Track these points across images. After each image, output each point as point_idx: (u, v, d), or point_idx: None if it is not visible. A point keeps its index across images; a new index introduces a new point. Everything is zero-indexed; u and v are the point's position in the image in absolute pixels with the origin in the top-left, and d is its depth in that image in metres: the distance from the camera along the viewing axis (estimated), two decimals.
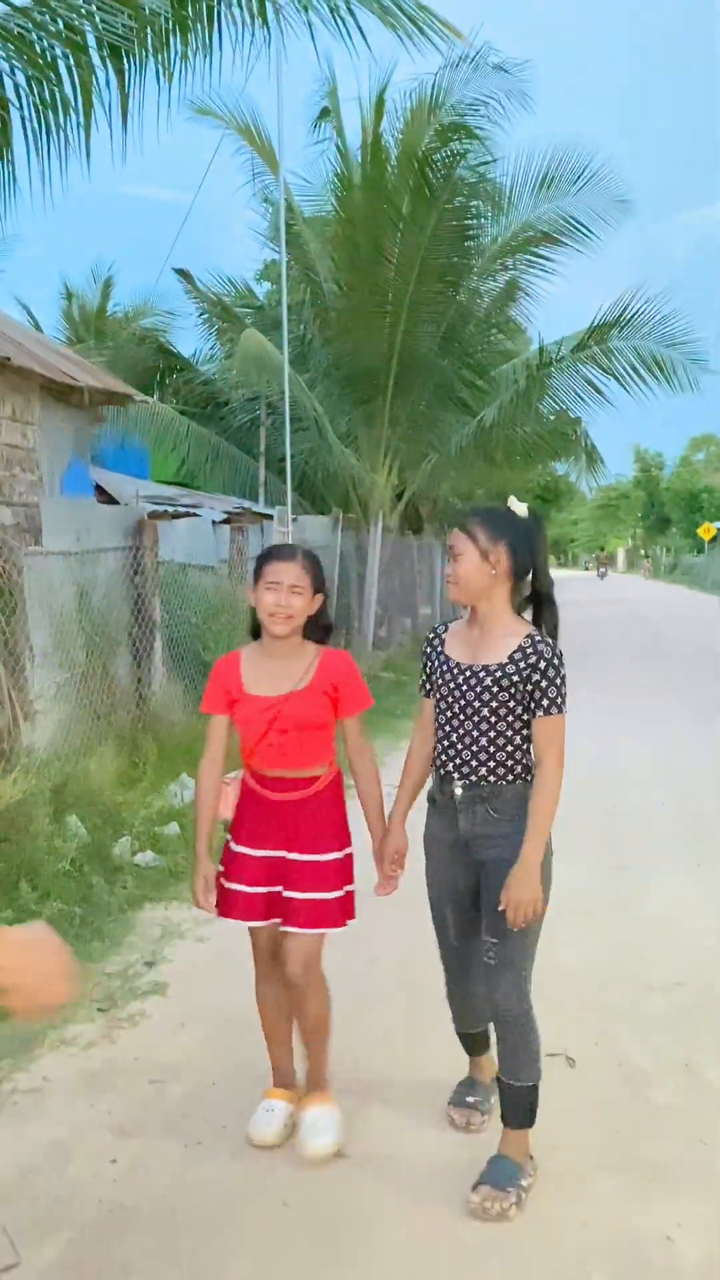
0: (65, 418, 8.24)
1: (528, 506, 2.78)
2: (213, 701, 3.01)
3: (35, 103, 5.90)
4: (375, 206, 12.27)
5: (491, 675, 2.69)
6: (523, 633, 2.71)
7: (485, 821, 2.74)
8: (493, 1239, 2.58)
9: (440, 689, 2.80)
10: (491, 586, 2.71)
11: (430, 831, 2.89)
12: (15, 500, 6.86)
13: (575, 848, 5.70)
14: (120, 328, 19.13)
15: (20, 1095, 3.32)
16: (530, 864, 2.63)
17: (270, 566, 2.88)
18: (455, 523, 2.77)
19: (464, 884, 2.83)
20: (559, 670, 2.68)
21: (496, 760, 2.72)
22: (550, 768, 2.67)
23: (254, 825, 2.99)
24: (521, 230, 13.54)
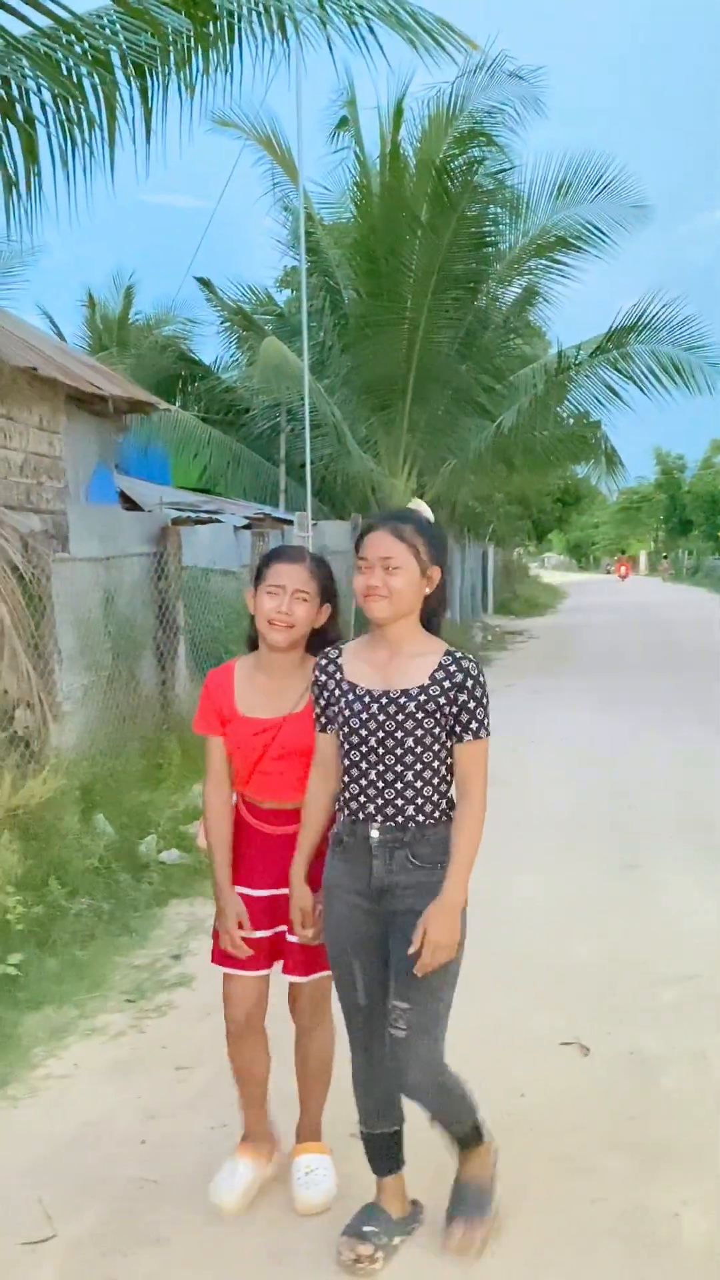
0: (90, 426, 8.41)
1: (423, 506, 2.65)
2: (206, 721, 2.73)
3: (61, 119, 6.06)
4: (394, 214, 12.41)
5: (414, 700, 2.38)
6: (438, 649, 2.44)
7: (403, 869, 2.42)
8: (505, 1212, 2.67)
9: (348, 721, 2.44)
10: (416, 605, 2.44)
11: (333, 877, 2.53)
12: (42, 507, 7.02)
13: (586, 847, 5.81)
14: (142, 335, 19.34)
15: (53, 1080, 3.46)
16: (453, 903, 2.35)
17: (274, 568, 2.61)
18: (382, 527, 2.42)
19: (373, 934, 2.49)
20: (484, 688, 2.42)
21: (424, 797, 2.42)
22: (477, 797, 2.41)
23: (251, 861, 2.73)
24: (539, 236, 13.64)
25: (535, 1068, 3.41)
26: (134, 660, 7.30)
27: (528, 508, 28.12)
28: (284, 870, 2.66)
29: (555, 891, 5.09)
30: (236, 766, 2.71)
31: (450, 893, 2.36)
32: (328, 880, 2.54)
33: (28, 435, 7.00)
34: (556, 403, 13.91)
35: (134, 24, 5.53)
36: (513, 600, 28.02)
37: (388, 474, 13.68)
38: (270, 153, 13.12)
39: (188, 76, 6.13)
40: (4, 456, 6.71)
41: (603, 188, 12.94)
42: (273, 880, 2.69)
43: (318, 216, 13.94)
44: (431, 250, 12.20)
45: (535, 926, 4.63)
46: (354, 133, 13.37)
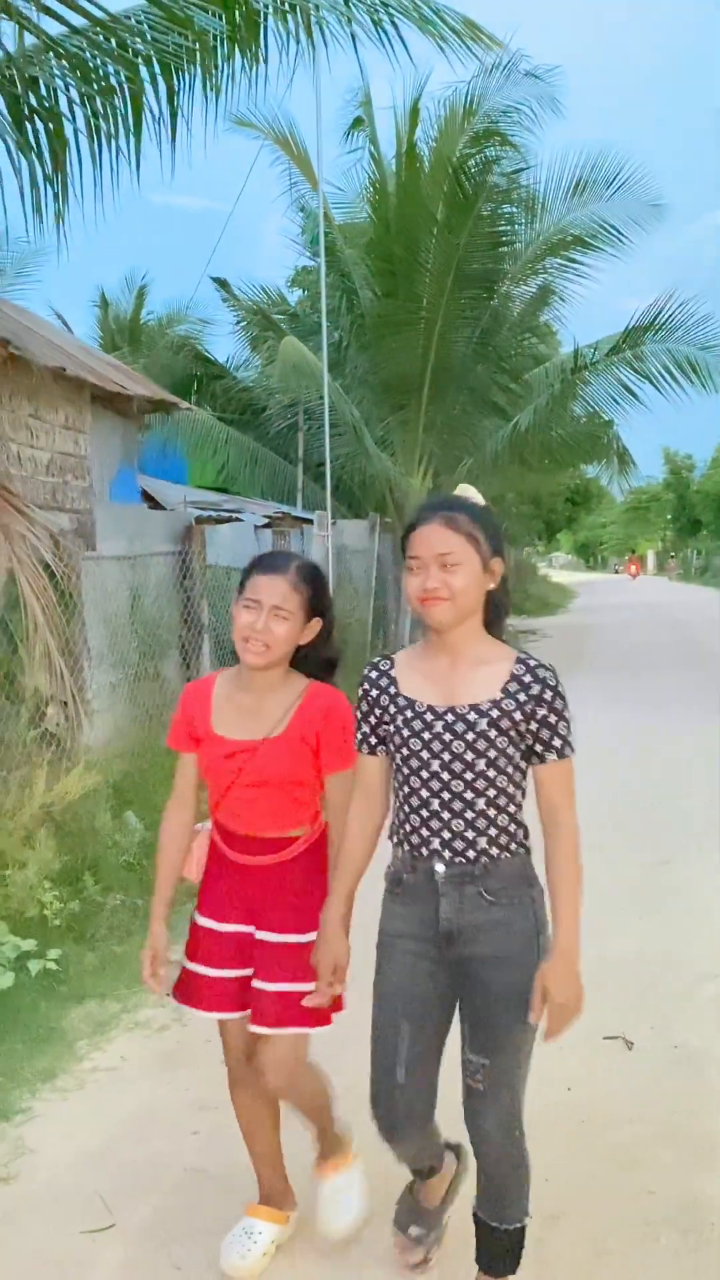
0: (113, 425, 8.44)
1: (474, 492, 2.25)
2: (178, 736, 2.46)
3: (90, 119, 6.08)
4: (410, 213, 12.43)
5: (487, 717, 2.07)
6: (508, 656, 2.13)
7: (476, 907, 2.12)
8: (563, 1204, 2.69)
9: (407, 743, 2.13)
10: (478, 605, 2.13)
11: (393, 926, 2.20)
12: (68, 506, 7.05)
13: (617, 844, 5.81)
14: (155, 335, 19.38)
15: (100, 1073, 3.48)
16: (569, 951, 2.06)
17: (252, 580, 2.31)
18: (433, 518, 2.09)
19: (434, 992, 2.17)
20: (565, 699, 2.11)
21: (498, 827, 2.11)
22: (569, 826, 2.12)
23: (219, 893, 2.45)
24: (555, 235, 13.64)
25: (580, 1062, 3.41)
26: (160, 658, 7.33)
27: (539, 507, 28.12)
28: (255, 905, 2.40)
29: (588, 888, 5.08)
30: (209, 788, 2.44)
31: (564, 943, 2.07)
32: (386, 930, 2.21)
33: (54, 434, 7.03)
34: (572, 401, 13.91)
35: (164, 24, 5.56)
36: (524, 599, 27.99)
37: (404, 473, 13.69)
38: (287, 152, 13.15)
39: (214, 77, 6.17)
40: (31, 455, 6.74)
41: (619, 186, 12.93)
42: (242, 915, 2.41)
43: (332, 216, 13.96)
44: (448, 250, 12.20)
45: None
46: (369, 132, 13.38)
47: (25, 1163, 2.96)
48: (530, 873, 2.17)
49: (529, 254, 13.87)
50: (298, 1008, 2.33)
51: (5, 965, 4.04)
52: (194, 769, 2.45)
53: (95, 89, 5.84)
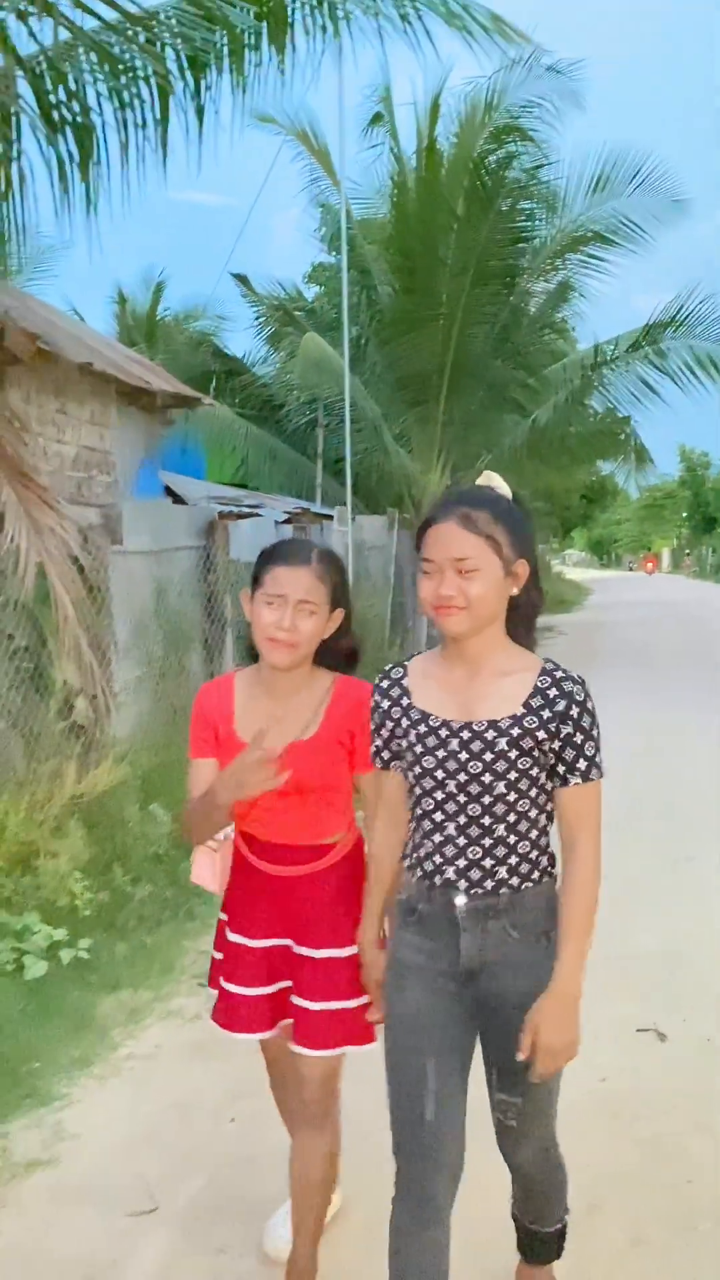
0: (136, 421, 8.48)
1: (500, 482, 2.01)
2: (201, 744, 2.26)
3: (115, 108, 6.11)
4: (429, 209, 12.42)
5: (507, 735, 1.87)
6: (532, 666, 1.92)
7: (500, 943, 1.94)
8: (600, 1194, 2.71)
9: (420, 761, 1.94)
10: (500, 611, 1.93)
11: (404, 956, 2.03)
12: (93, 501, 7.09)
13: (640, 839, 5.82)
14: (172, 331, 19.43)
15: (136, 1061, 3.52)
16: (569, 993, 1.88)
17: (273, 573, 2.13)
18: (448, 516, 1.88)
19: (456, 1021, 2.00)
20: (593, 715, 1.91)
21: (519, 854, 1.93)
22: (589, 854, 1.92)
23: (249, 906, 2.30)
24: (575, 230, 13.62)
25: (613, 1054, 3.43)
26: (184, 652, 7.37)
27: (554, 504, 28.08)
28: (287, 918, 2.26)
29: (614, 882, 5.08)
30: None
31: (563, 982, 1.87)
32: (398, 960, 2.04)
33: (80, 429, 7.08)
34: (590, 398, 13.90)
35: (195, 19, 5.58)
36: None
37: (422, 469, 13.70)
38: (308, 148, 13.17)
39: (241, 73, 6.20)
40: (58, 450, 6.79)
41: (640, 182, 12.89)
42: (274, 929, 2.27)
43: (352, 212, 13.97)
44: (467, 245, 12.20)
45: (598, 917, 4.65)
46: (389, 128, 13.38)
47: (66, 1147, 3.00)
48: (557, 904, 1.96)
49: (549, 250, 13.86)
50: (341, 1026, 2.23)
51: (38, 954, 4.09)
52: (212, 778, 2.20)
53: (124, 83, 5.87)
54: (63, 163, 6.02)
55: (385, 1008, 2.08)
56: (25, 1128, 3.09)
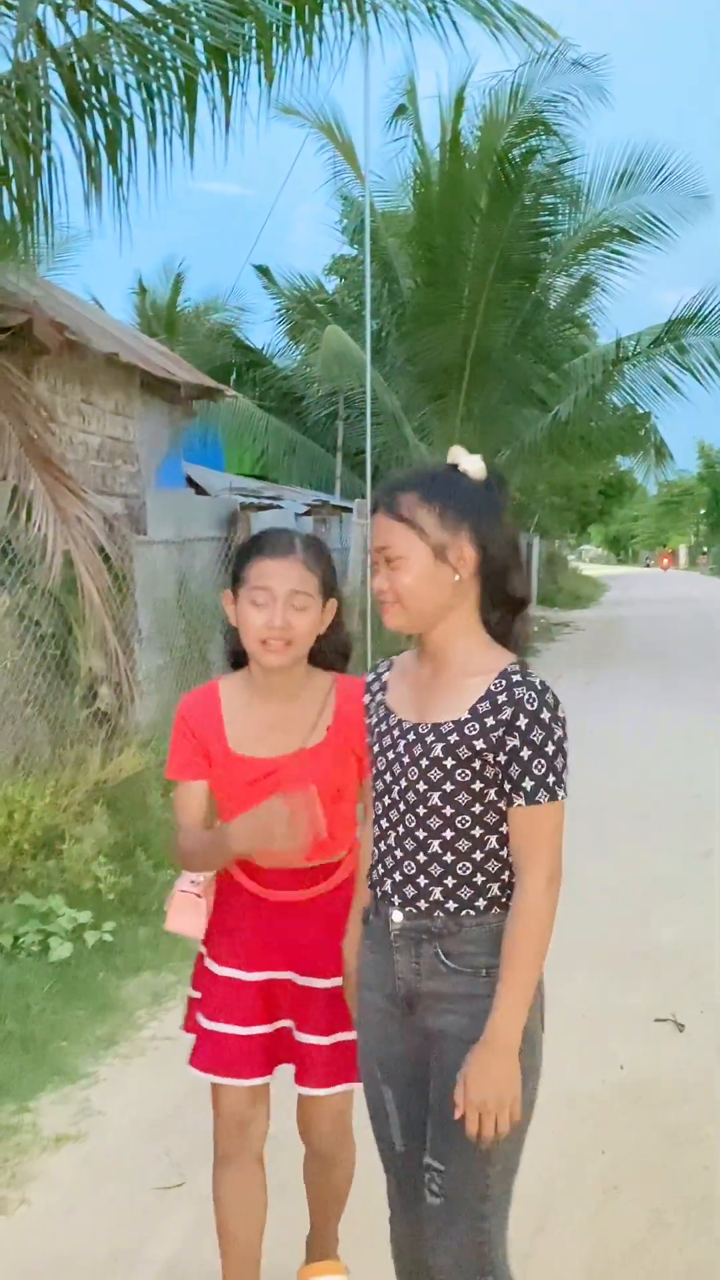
0: (160, 412, 8.54)
1: (482, 461, 1.77)
2: (184, 763, 2.04)
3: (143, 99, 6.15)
4: (453, 203, 12.44)
5: (443, 741, 1.69)
6: (494, 667, 1.71)
7: (433, 972, 1.74)
8: (620, 1177, 2.75)
9: (375, 760, 1.83)
10: (450, 601, 1.72)
11: (365, 973, 1.88)
12: (117, 491, 7.15)
13: (659, 835, 5.85)
14: (192, 322, 19.48)
15: (160, 1041, 3.57)
16: (501, 1044, 1.64)
17: (257, 566, 1.94)
18: (377, 499, 1.76)
19: (411, 1055, 1.82)
20: (549, 726, 1.66)
21: (458, 876, 1.72)
22: (535, 886, 1.67)
23: (245, 935, 2.08)
24: (598, 225, 13.60)
25: (631, 1043, 3.48)
26: (205, 642, 7.42)
27: (572, 499, 28.03)
28: (293, 947, 2.06)
29: (633, 877, 5.14)
30: (227, 817, 2.04)
31: (498, 1029, 1.64)
32: (362, 976, 1.89)
33: (105, 420, 7.14)
34: (612, 393, 13.89)
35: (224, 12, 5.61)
36: (556, 592, 27.96)
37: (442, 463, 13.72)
38: (332, 140, 13.19)
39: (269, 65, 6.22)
40: (83, 440, 6.85)
41: (664, 178, 12.86)
42: (273, 960, 2.07)
43: (374, 204, 13.99)
44: (490, 239, 12.21)
45: (616, 911, 4.68)
46: (413, 121, 13.39)
47: (94, 1123, 3.06)
48: None
49: (571, 245, 13.85)
50: (349, 1060, 2.00)
51: (63, 936, 4.15)
52: (203, 799, 2.04)
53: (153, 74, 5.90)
54: (91, 153, 6.07)
55: (355, 1029, 1.94)
56: (54, 1104, 3.15)
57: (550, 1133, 2.89)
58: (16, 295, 5.76)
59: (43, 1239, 2.56)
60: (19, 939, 4.06)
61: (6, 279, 5.88)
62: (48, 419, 5.68)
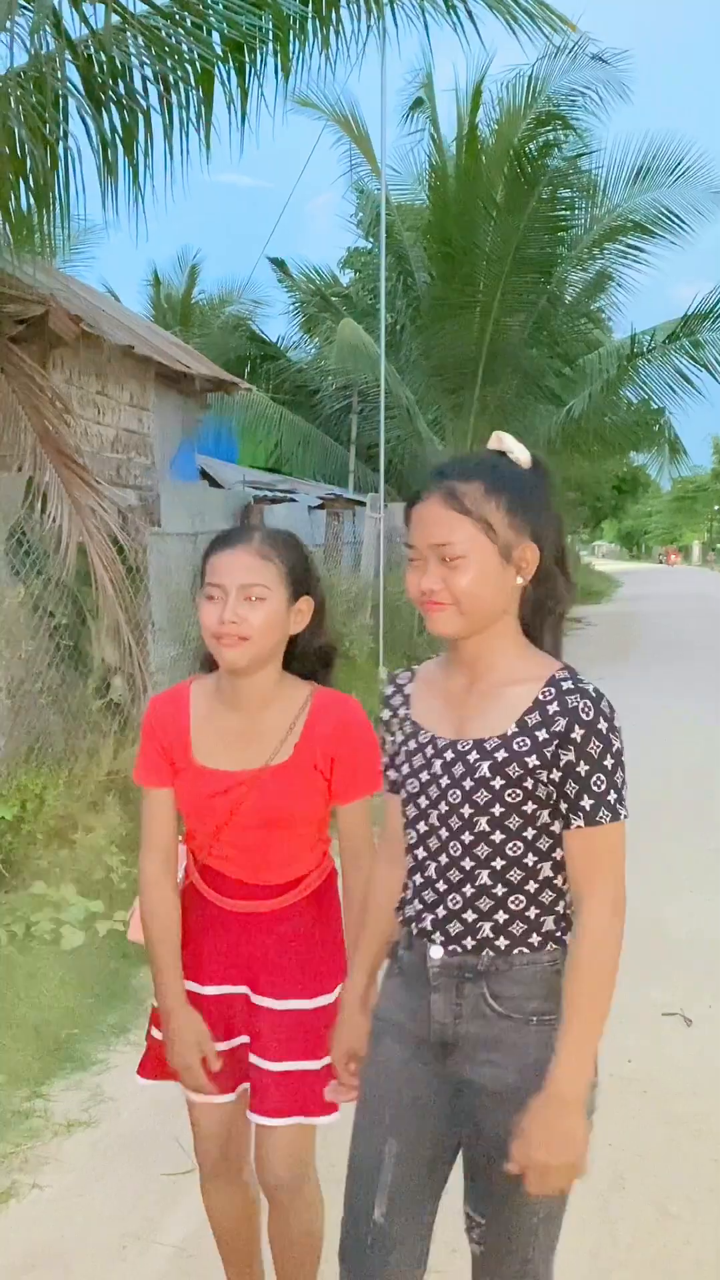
0: (174, 404, 8.55)
1: (527, 450, 1.62)
2: (152, 768, 1.92)
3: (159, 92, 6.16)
4: (469, 196, 12.42)
5: (490, 759, 1.53)
6: (540, 674, 1.55)
7: (476, 1014, 1.56)
8: (626, 1168, 2.76)
9: (406, 781, 1.63)
10: (507, 606, 1.57)
11: (385, 1010, 1.69)
12: (132, 483, 7.17)
13: (672, 831, 5.85)
14: (207, 315, 19.50)
15: None
16: (563, 1097, 1.46)
17: (210, 563, 1.82)
18: (433, 491, 1.54)
19: (432, 1105, 1.62)
20: (609, 738, 1.51)
21: (510, 910, 1.55)
22: (599, 916, 1.50)
23: (199, 946, 1.95)
24: (614, 220, 13.56)
25: (640, 1037, 3.48)
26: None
27: (585, 494, 27.97)
28: (250, 962, 1.92)
29: (645, 873, 5.13)
30: (191, 828, 1.95)
31: (562, 1081, 1.46)
32: (379, 1014, 1.70)
33: (120, 412, 7.16)
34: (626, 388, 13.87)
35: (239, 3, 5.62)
36: None
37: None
38: (348, 133, 13.17)
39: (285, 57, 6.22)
40: (98, 432, 6.87)
41: (681, 172, 12.81)
42: (229, 973, 1.94)
43: (390, 198, 13.97)
44: (506, 233, 12.19)
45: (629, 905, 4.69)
46: (430, 114, 13.37)
47: (105, 1109, 3.09)
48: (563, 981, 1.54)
49: (587, 239, 13.81)
50: (306, 1091, 1.88)
51: (75, 925, 4.18)
52: (171, 807, 1.92)
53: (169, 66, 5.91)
54: (107, 145, 6.08)
55: (362, 1073, 1.71)
56: (65, 1090, 3.19)
57: None
58: (33, 287, 5.78)
59: (55, 1223, 2.59)
60: (31, 927, 4.10)
61: (23, 271, 5.89)
62: (63, 411, 5.70)
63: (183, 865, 2.01)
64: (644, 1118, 3.02)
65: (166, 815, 1.93)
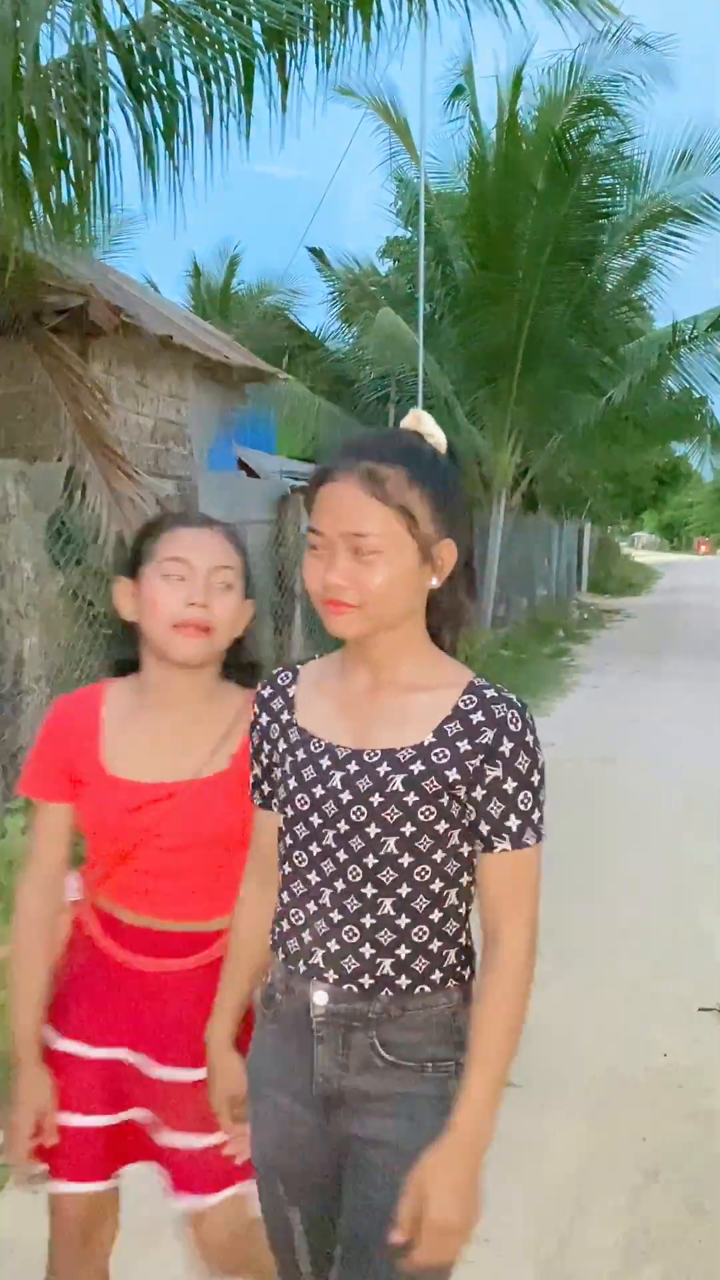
0: (212, 394, 8.59)
1: (432, 425, 1.43)
2: (47, 778, 1.64)
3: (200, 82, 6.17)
4: (509, 184, 12.32)
5: (404, 772, 1.35)
6: (457, 681, 1.39)
7: (365, 1066, 1.38)
8: (659, 1163, 2.76)
9: (293, 798, 1.42)
10: (416, 607, 1.41)
11: (259, 1062, 1.49)
12: (170, 473, 7.22)
13: (703, 824, 5.80)
14: (245, 305, 19.53)
15: None
16: (468, 1142, 1.30)
17: (171, 538, 1.57)
18: (346, 471, 1.33)
19: (321, 1169, 1.46)
20: (535, 753, 1.35)
21: (414, 944, 1.38)
22: (518, 944, 1.35)
23: (90, 1003, 1.67)
24: (656, 207, 13.40)
25: (674, 1031, 3.47)
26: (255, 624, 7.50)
27: (625, 485, 27.73)
28: (148, 1027, 1.64)
29: (676, 866, 5.12)
30: (93, 853, 1.66)
31: (467, 1125, 1.30)
32: (251, 1065, 1.51)
33: (158, 402, 7.20)
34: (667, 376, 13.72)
35: None
36: (607, 579, 27.71)
37: (493, 447, 13.66)
38: (387, 121, 13.11)
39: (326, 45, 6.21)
40: (136, 422, 6.92)
41: None
42: (123, 1035, 1.65)
43: (430, 186, 13.90)
44: (546, 221, 12.08)
45: (659, 899, 4.66)
46: (470, 102, 13.27)
47: None
48: (462, 1022, 1.39)
49: (628, 226, 13.66)
50: (230, 1162, 1.63)
51: None
52: (66, 827, 1.65)
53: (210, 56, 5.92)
54: (148, 137, 6.11)
55: (251, 1129, 1.53)
56: None
57: (590, 1117, 2.92)
58: (73, 278, 5.83)
59: None
60: None
61: (63, 262, 5.94)
62: (103, 401, 5.75)
63: (70, 894, 1.70)
64: (676, 1112, 3.01)
65: (58, 835, 1.65)
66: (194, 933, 1.63)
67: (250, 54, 5.89)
